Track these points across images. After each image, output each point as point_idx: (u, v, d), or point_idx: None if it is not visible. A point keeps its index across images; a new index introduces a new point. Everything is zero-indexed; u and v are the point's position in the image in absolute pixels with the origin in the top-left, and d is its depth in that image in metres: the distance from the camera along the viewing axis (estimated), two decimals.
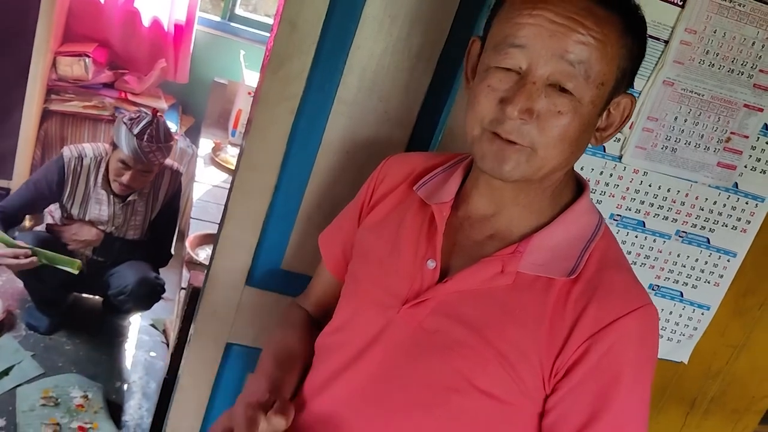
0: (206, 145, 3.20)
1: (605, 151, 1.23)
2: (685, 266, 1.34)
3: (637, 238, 1.30)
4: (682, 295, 1.37)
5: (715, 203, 1.30)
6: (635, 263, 1.31)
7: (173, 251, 2.76)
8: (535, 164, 0.82)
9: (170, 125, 2.72)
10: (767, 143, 1.27)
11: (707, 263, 1.35)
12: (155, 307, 2.60)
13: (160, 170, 2.55)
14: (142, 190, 2.53)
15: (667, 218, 1.29)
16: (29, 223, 2.80)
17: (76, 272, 2.29)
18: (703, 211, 1.30)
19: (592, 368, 0.82)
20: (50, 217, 2.55)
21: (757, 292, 1.41)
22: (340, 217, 1.12)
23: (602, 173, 1.24)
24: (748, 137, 1.26)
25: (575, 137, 0.81)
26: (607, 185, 1.25)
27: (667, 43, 1.17)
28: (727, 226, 1.32)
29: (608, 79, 0.81)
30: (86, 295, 2.77)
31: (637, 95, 1.19)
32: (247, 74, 3.21)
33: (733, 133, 1.25)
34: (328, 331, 1.01)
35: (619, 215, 1.28)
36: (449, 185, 0.94)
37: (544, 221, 0.89)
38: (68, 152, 2.44)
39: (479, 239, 0.90)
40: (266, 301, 1.32)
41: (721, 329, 1.43)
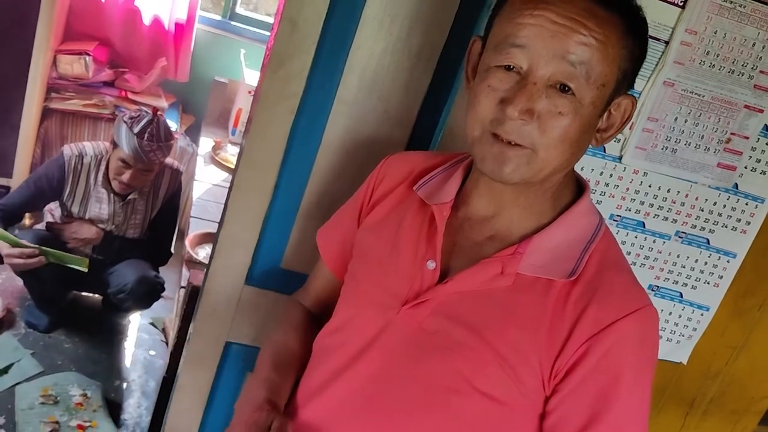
0: (206, 143, 3.20)
1: (605, 151, 1.23)
2: (684, 267, 1.34)
3: (636, 238, 1.30)
4: (681, 295, 1.37)
5: (715, 204, 1.30)
6: (635, 264, 1.31)
7: (173, 250, 2.76)
8: (535, 166, 0.82)
9: (170, 124, 2.73)
10: (767, 144, 1.27)
11: (707, 264, 1.35)
12: (155, 305, 2.60)
13: (160, 169, 2.55)
14: (142, 188, 2.53)
15: (667, 219, 1.29)
16: (29, 221, 2.80)
17: (85, 270, 2.30)
18: (703, 211, 1.30)
19: (591, 369, 0.82)
20: (50, 215, 2.55)
21: (756, 293, 1.41)
22: (338, 214, 1.12)
23: (602, 174, 1.24)
24: (748, 138, 1.25)
25: (576, 138, 0.81)
26: (607, 186, 1.25)
27: (667, 43, 1.17)
28: (727, 227, 1.32)
29: (609, 80, 0.80)
30: (86, 293, 2.77)
31: (637, 96, 1.19)
32: (247, 73, 3.21)
33: (733, 134, 1.25)
34: (327, 331, 1.01)
35: (619, 216, 1.28)
36: (449, 185, 0.94)
37: (544, 222, 0.89)
38: (69, 150, 2.44)
39: (479, 240, 0.90)
40: (266, 300, 1.32)
41: (720, 330, 1.43)
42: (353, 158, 1.24)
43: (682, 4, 1.15)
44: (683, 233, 1.31)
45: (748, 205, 1.31)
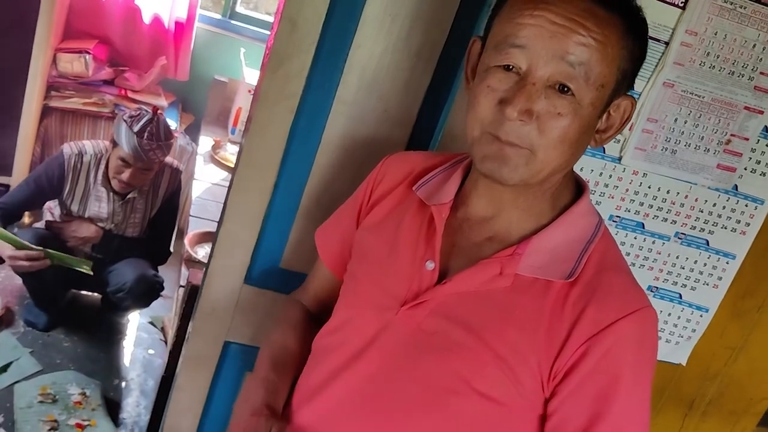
0: (206, 142, 3.20)
1: (605, 152, 1.23)
2: (684, 268, 1.34)
3: (636, 239, 1.30)
4: (680, 296, 1.37)
5: (714, 205, 1.30)
6: (634, 265, 1.31)
7: (172, 249, 2.76)
8: (534, 167, 0.81)
9: (170, 123, 2.72)
10: (767, 146, 1.27)
11: (706, 265, 1.34)
12: (154, 304, 2.60)
13: (159, 168, 2.55)
14: (141, 187, 2.53)
15: (666, 220, 1.29)
16: (28, 219, 2.80)
17: (90, 273, 2.30)
18: (702, 213, 1.30)
19: (591, 370, 0.81)
20: (50, 213, 2.55)
21: (756, 294, 1.41)
22: (337, 213, 1.12)
23: (602, 174, 1.24)
24: (748, 139, 1.25)
25: (575, 139, 0.81)
26: (606, 186, 1.25)
27: (667, 44, 1.17)
28: (726, 228, 1.32)
29: (608, 80, 0.80)
30: (85, 292, 2.77)
31: (636, 96, 1.19)
32: (247, 72, 3.21)
33: (733, 135, 1.25)
34: (325, 331, 1.00)
35: (618, 217, 1.28)
36: (449, 186, 0.94)
37: (543, 223, 0.89)
38: (68, 149, 2.44)
39: (478, 241, 0.90)
40: (265, 299, 1.32)
41: (719, 331, 1.43)
42: (353, 158, 1.24)
43: (682, 5, 1.15)
44: (683, 234, 1.31)
45: (747, 206, 1.31)
